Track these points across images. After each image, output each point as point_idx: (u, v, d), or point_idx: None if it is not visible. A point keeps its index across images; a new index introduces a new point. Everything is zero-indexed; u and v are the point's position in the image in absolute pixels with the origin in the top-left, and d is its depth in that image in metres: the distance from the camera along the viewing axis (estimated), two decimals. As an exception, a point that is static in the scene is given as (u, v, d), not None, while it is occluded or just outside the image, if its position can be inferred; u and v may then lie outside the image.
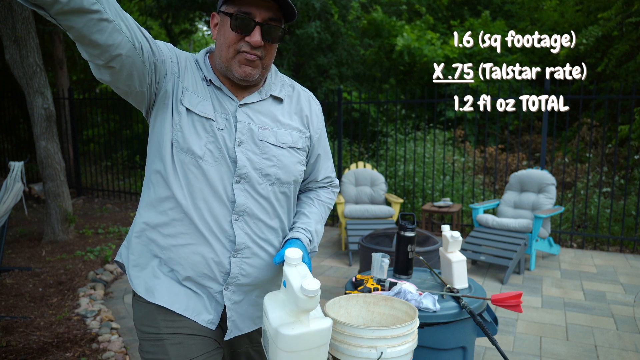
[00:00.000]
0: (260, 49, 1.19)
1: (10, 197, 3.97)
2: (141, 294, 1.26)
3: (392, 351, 1.25)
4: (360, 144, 7.52)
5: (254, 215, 1.25)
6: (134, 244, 1.28)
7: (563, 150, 7.61)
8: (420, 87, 9.75)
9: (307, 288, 1.04)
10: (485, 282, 4.32)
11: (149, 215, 1.25)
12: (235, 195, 1.22)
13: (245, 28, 1.16)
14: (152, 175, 1.25)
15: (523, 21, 9.94)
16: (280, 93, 1.31)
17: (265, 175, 1.25)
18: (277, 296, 1.17)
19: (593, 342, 3.13)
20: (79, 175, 8.28)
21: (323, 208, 1.44)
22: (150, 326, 1.25)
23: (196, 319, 1.24)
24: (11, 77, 9.28)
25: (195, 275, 1.23)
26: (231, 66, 1.20)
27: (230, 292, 1.26)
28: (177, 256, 1.23)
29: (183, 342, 1.23)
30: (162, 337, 1.23)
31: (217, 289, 1.25)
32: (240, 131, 1.23)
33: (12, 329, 3.11)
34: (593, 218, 6.09)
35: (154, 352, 1.23)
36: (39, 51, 5.00)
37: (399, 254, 2.01)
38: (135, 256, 1.28)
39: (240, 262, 1.24)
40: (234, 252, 1.23)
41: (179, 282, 1.25)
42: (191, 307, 1.24)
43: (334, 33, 9.75)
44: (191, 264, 1.23)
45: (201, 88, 1.24)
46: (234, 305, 1.28)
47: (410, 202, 6.96)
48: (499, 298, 1.72)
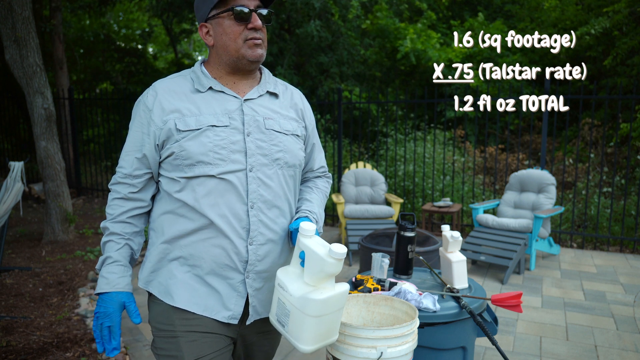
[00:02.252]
0: (260, 32, 1.33)
1: (10, 197, 3.97)
2: (160, 296, 1.33)
3: (392, 351, 1.25)
4: (360, 144, 7.52)
5: (266, 200, 1.33)
6: (153, 253, 1.37)
7: (563, 150, 7.60)
8: (421, 87, 9.75)
9: (336, 251, 1.14)
10: (485, 282, 4.31)
11: (168, 232, 1.34)
12: (249, 184, 1.31)
13: (245, 18, 1.30)
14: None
15: (523, 21, 9.94)
16: (276, 89, 1.44)
17: (274, 160, 1.35)
18: (288, 270, 1.25)
19: (593, 342, 3.13)
20: (79, 175, 8.28)
21: (322, 195, 1.56)
22: (165, 324, 1.31)
23: (216, 316, 1.31)
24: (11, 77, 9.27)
25: (218, 268, 1.30)
26: (244, 54, 1.32)
27: (251, 279, 1.33)
28: (197, 251, 1.30)
29: (197, 340, 1.29)
30: (176, 335, 1.29)
31: (238, 279, 1.32)
32: (248, 123, 1.33)
33: (12, 329, 3.11)
34: (593, 218, 6.08)
35: (168, 349, 1.30)
36: (39, 51, 5.00)
37: (399, 254, 2.01)
38: (151, 263, 1.36)
39: (255, 248, 1.32)
40: (250, 239, 1.31)
41: (198, 279, 1.31)
42: (210, 307, 1.31)
43: (335, 32, 9.75)
44: (212, 257, 1.30)
45: (190, 103, 1.33)
46: (255, 292, 1.35)
47: (410, 202, 6.96)
48: (499, 298, 1.72)
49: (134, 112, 1.37)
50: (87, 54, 13.89)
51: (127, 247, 1.35)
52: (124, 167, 1.36)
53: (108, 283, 1.30)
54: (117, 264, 1.32)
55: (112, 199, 1.37)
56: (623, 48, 7.69)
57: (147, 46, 16.81)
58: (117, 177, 1.37)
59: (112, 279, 1.30)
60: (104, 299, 1.30)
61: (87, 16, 13.27)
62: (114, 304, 1.30)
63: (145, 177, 1.35)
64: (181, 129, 1.29)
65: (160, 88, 1.34)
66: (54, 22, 8.38)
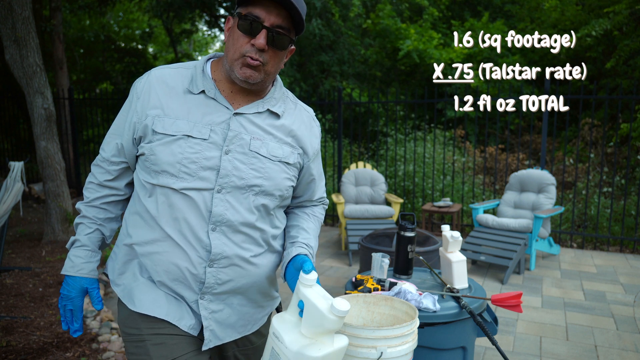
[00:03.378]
0: (264, 55, 1.18)
1: (10, 197, 3.96)
2: (124, 300, 1.28)
3: (392, 351, 1.25)
4: (360, 144, 7.52)
5: (232, 225, 1.22)
6: (120, 253, 1.32)
7: (563, 150, 7.60)
8: (422, 87, 9.75)
9: (339, 308, 1.04)
10: (485, 282, 4.31)
11: (132, 235, 1.29)
12: (214, 206, 1.20)
13: (251, 30, 1.16)
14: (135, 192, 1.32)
15: (523, 21, 9.94)
16: (279, 109, 1.29)
17: (250, 186, 1.23)
18: (285, 318, 1.16)
19: (593, 342, 3.13)
20: (79, 175, 8.28)
21: (318, 224, 1.46)
22: (132, 327, 1.26)
23: (178, 324, 1.24)
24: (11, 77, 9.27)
25: (170, 282, 1.23)
26: (234, 67, 1.19)
27: (206, 301, 1.25)
28: (152, 262, 1.24)
29: (165, 343, 1.23)
30: (143, 338, 1.23)
31: (192, 299, 1.24)
32: (230, 140, 1.21)
33: (12, 329, 3.11)
34: (593, 218, 6.08)
35: (137, 353, 1.24)
36: (39, 51, 5.00)
37: (399, 254, 2.01)
38: (119, 264, 1.31)
39: (216, 271, 1.22)
40: (209, 261, 1.21)
41: (159, 284, 1.26)
42: (172, 312, 1.24)
43: (335, 32, 9.76)
44: (165, 271, 1.23)
45: (178, 103, 1.23)
46: (212, 315, 1.26)
47: (410, 202, 6.96)
48: (499, 298, 1.72)
49: (129, 94, 1.32)
50: (87, 54, 13.90)
51: (97, 232, 1.33)
52: (104, 149, 1.32)
53: (73, 266, 1.30)
54: (85, 248, 1.31)
55: (88, 181, 1.35)
56: (625, 50, 7.69)
57: (147, 46, 16.81)
58: (97, 159, 1.34)
59: (77, 263, 1.30)
60: (68, 282, 1.30)
61: (87, 16, 13.27)
62: (76, 289, 1.30)
63: (122, 166, 1.31)
64: (157, 130, 1.20)
65: (155, 77, 1.25)
66: (54, 22, 8.38)
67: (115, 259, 1.34)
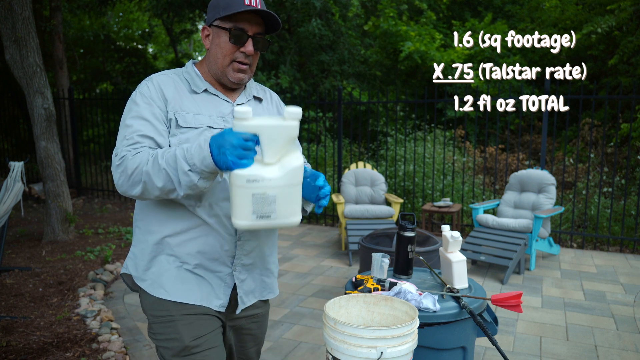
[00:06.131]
0: (250, 58, 1.40)
1: (10, 197, 3.97)
2: (152, 292, 1.38)
3: (392, 351, 1.25)
4: (360, 144, 7.52)
5: None
6: (145, 251, 1.41)
7: (563, 150, 7.60)
8: (422, 87, 9.75)
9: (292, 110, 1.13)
10: (485, 282, 4.31)
11: (159, 232, 1.38)
12: None
13: (240, 41, 1.36)
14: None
15: (523, 21, 9.94)
16: (259, 94, 1.54)
17: None
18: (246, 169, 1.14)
19: (593, 342, 3.13)
20: (79, 176, 8.28)
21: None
22: (161, 310, 1.38)
23: (210, 305, 1.39)
24: (11, 77, 9.27)
25: (207, 262, 1.38)
26: (226, 72, 1.39)
27: (237, 272, 1.43)
28: (187, 249, 1.36)
29: (193, 322, 1.37)
30: (174, 319, 1.36)
31: (226, 272, 1.41)
32: None
33: (12, 329, 3.11)
34: (593, 218, 6.08)
35: (166, 333, 1.37)
36: (39, 51, 5.00)
37: (399, 254, 2.01)
38: (144, 261, 1.40)
39: (242, 244, 1.40)
40: (238, 235, 1.39)
41: (188, 272, 1.38)
42: (204, 296, 1.39)
43: (335, 32, 9.75)
44: (201, 253, 1.37)
45: (188, 101, 1.37)
46: (241, 284, 1.44)
47: (410, 202, 6.96)
48: (499, 298, 1.72)
49: (129, 103, 1.34)
50: (87, 54, 13.89)
51: None
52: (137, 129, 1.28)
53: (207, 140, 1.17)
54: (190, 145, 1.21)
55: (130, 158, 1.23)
56: (629, 47, 7.67)
57: (147, 46, 16.81)
58: (122, 147, 1.27)
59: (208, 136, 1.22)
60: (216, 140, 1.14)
61: (87, 16, 13.26)
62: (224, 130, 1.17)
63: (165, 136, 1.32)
64: (181, 124, 1.33)
65: (159, 81, 1.38)
66: (54, 22, 8.38)
67: (136, 257, 1.43)
